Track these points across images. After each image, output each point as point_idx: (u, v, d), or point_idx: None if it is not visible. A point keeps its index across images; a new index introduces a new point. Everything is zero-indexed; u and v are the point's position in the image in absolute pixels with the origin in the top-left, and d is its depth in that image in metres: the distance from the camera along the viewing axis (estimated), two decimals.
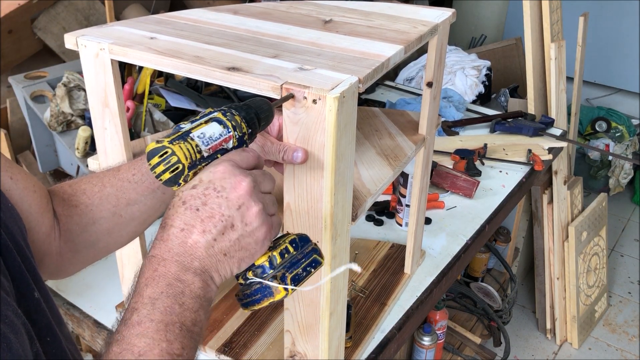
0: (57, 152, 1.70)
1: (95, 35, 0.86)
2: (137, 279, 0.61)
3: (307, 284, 0.66)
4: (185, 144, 0.61)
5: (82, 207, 0.78)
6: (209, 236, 0.61)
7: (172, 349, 0.56)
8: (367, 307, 1.21)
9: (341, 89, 0.69)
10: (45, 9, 1.90)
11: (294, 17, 1.00)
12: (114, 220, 0.79)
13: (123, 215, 0.79)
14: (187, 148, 0.61)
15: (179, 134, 0.62)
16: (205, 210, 0.61)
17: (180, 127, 0.64)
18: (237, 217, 0.62)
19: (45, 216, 0.72)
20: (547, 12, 2.14)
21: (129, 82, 1.56)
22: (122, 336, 0.56)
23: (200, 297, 0.60)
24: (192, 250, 0.60)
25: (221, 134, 0.64)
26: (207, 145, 0.63)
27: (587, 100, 3.53)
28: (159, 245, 0.61)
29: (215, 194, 0.61)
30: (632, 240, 3.19)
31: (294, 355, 0.91)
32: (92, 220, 0.78)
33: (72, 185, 0.80)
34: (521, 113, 2.06)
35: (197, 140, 0.62)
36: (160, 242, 0.61)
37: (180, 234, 0.61)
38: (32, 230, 0.70)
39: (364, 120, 1.18)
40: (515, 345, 2.47)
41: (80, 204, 0.78)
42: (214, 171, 0.62)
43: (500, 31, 3.70)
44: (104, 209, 0.78)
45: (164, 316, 0.57)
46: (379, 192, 0.94)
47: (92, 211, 0.78)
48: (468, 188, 1.63)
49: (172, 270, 0.59)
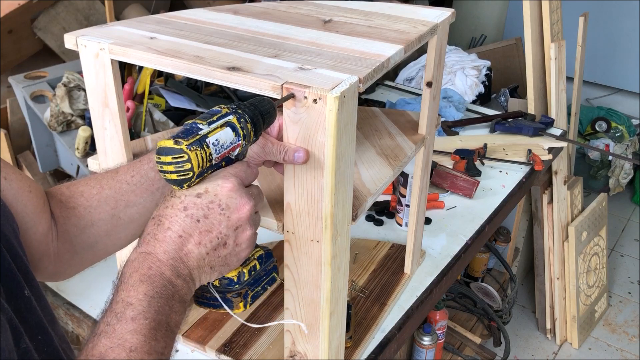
0: (57, 152, 1.70)
1: (95, 35, 0.86)
2: (128, 271, 0.61)
3: (276, 319, 0.72)
4: (201, 151, 0.61)
5: (80, 209, 0.77)
6: (203, 250, 0.62)
7: (158, 348, 0.57)
8: (367, 307, 1.21)
9: (341, 88, 0.69)
10: (45, 9, 1.90)
11: (294, 17, 1.00)
12: (113, 222, 0.79)
13: (122, 217, 0.79)
14: (202, 156, 0.61)
15: (197, 139, 0.61)
16: (205, 223, 0.62)
17: (197, 127, 0.63)
18: (232, 237, 0.64)
19: (42, 217, 0.72)
20: (547, 12, 2.14)
21: (129, 82, 1.56)
22: (114, 329, 0.57)
23: (185, 301, 0.62)
24: (185, 259, 0.62)
25: (232, 142, 0.65)
26: (218, 153, 0.64)
27: (587, 100, 3.53)
28: (154, 244, 0.62)
29: (219, 210, 0.63)
30: (632, 240, 3.19)
31: (294, 355, 0.91)
32: (91, 222, 0.78)
33: (69, 187, 0.79)
34: (521, 113, 2.06)
35: (212, 148, 0.62)
36: (155, 240, 0.62)
37: (177, 240, 0.62)
38: (29, 231, 0.70)
39: (364, 120, 1.18)
40: (515, 345, 2.47)
41: (78, 205, 0.77)
42: (222, 186, 0.63)
43: (500, 31, 3.70)
44: (102, 211, 0.78)
45: (157, 315, 0.58)
46: (379, 192, 0.94)
47: (90, 213, 0.78)
48: (468, 188, 1.63)
49: (167, 273, 0.61)
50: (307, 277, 0.82)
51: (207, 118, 0.64)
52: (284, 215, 0.80)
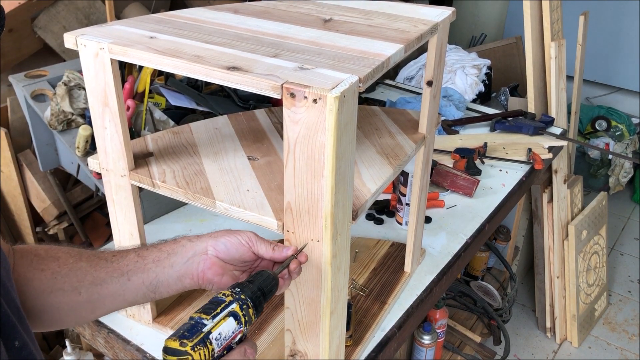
0: (57, 151, 1.70)
1: (95, 35, 0.86)
2: None
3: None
4: (204, 349, 0.64)
5: (47, 272, 0.74)
6: None
7: None
8: (367, 306, 1.22)
9: (342, 88, 0.69)
10: (46, 7, 1.90)
11: (294, 16, 1.00)
12: (71, 296, 0.75)
13: (82, 294, 0.75)
14: (205, 354, 0.64)
15: (201, 337, 0.64)
16: None
17: (202, 323, 0.66)
18: None
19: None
20: (547, 11, 2.14)
21: (129, 81, 1.56)
22: None
23: None
24: None
25: (233, 331, 0.68)
26: (220, 346, 0.67)
27: (587, 99, 3.53)
28: None
29: None
30: (632, 239, 3.19)
31: (294, 354, 0.91)
32: (50, 289, 0.74)
33: (48, 250, 0.76)
34: (521, 112, 2.06)
35: (214, 344, 0.66)
36: None
37: None
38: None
39: (364, 119, 1.18)
40: (515, 343, 2.47)
41: (47, 269, 0.74)
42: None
43: (500, 30, 3.69)
44: (67, 281, 0.74)
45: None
46: (379, 191, 0.94)
47: (55, 279, 0.74)
48: (468, 187, 1.63)
49: None
50: (307, 276, 0.83)
51: (211, 310, 0.67)
52: (284, 214, 0.80)
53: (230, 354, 0.68)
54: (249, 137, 1.09)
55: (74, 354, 1.57)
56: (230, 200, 0.88)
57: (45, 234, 1.90)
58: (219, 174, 0.95)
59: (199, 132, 1.10)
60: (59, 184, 1.85)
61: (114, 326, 1.16)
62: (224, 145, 1.05)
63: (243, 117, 1.18)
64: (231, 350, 0.69)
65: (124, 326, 1.16)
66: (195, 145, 1.05)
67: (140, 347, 1.12)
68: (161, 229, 1.47)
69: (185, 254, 0.77)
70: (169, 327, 1.12)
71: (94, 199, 1.96)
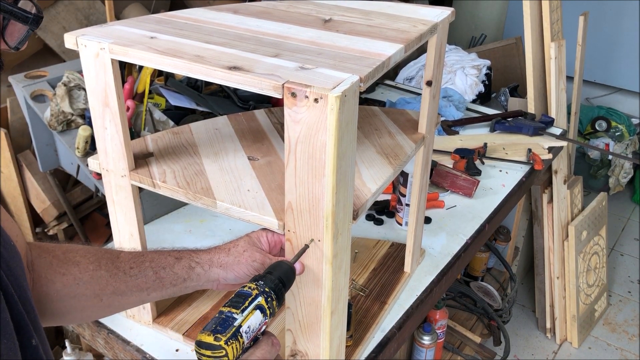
0: (57, 152, 1.70)
1: (96, 35, 0.86)
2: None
3: None
4: (237, 343, 0.67)
5: (69, 277, 0.77)
6: None
7: None
8: (367, 306, 1.22)
9: (342, 87, 0.69)
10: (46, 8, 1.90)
11: (294, 16, 1.00)
12: (93, 301, 0.79)
13: (103, 300, 0.80)
14: (237, 347, 0.67)
15: (233, 331, 0.67)
16: None
17: (233, 317, 0.68)
18: None
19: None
20: (547, 11, 2.14)
21: (129, 82, 1.56)
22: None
23: None
24: None
25: (260, 323, 0.71)
26: (249, 338, 0.69)
27: (587, 100, 3.53)
28: None
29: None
30: (632, 240, 3.19)
31: (295, 354, 0.91)
32: (74, 294, 0.77)
33: (66, 253, 0.79)
34: (521, 112, 2.07)
35: (245, 337, 0.68)
36: None
37: None
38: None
39: (364, 119, 1.18)
40: (515, 344, 2.47)
41: (69, 274, 0.77)
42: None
43: (500, 30, 3.70)
44: (90, 287, 0.78)
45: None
46: (379, 191, 0.94)
47: (77, 285, 0.77)
48: (468, 187, 1.63)
49: None
50: (308, 276, 0.83)
51: (240, 304, 0.69)
52: (285, 214, 0.80)
53: (258, 345, 0.72)
54: (249, 137, 1.09)
55: (73, 355, 1.56)
56: (231, 200, 0.88)
57: (45, 235, 1.90)
58: (219, 174, 0.95)
59: (199, 132, 1.10)
60: (59, 184, 1.85)
61: (114, 327, 1.16)
62: (224, 146, 1.05)
63: (243, 117, 1.18)
64: (257, 341, 0.72)
65: (124, 326, 1.15)
66: (196, 146, 1.05)
67: (140, 347, 1.12)
68: (161, 229, 1.46)
69: (198, 280, 0.84)
70: (169, 327, 1.12)
71: (93, 200, 1.96)
